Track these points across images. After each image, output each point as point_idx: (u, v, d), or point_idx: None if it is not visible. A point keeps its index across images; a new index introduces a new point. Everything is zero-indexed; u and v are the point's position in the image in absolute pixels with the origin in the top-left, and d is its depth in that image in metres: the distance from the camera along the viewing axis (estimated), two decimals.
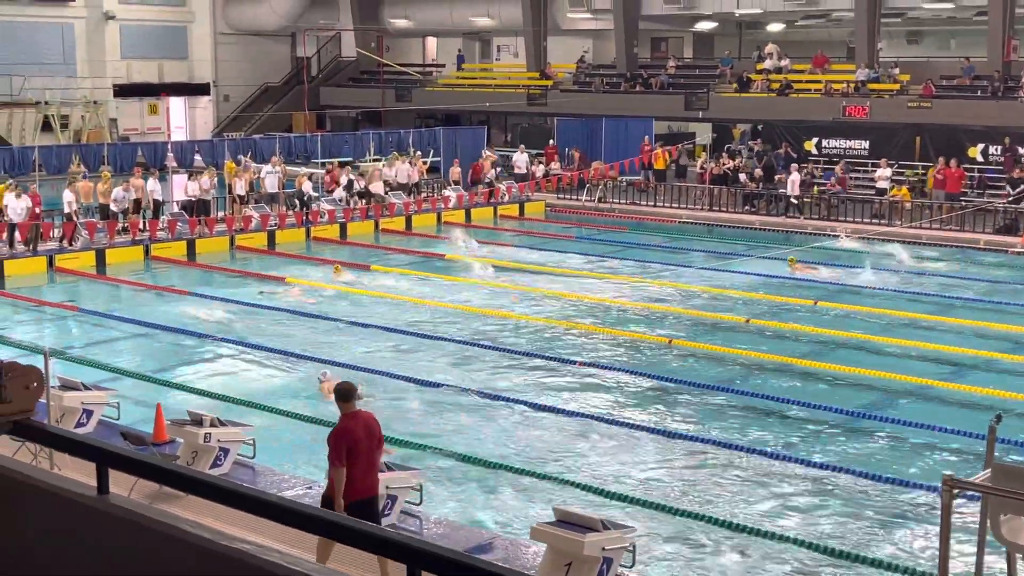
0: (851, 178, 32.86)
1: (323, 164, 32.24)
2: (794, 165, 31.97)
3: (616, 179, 34.64)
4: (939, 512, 6.30)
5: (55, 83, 42.36)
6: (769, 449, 13.11)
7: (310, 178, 30.03)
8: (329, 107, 48.22)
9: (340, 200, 29.92)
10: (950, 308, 21.09)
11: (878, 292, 22.15)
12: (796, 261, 24.53)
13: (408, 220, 30.38)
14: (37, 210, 25.07)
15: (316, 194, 29.90)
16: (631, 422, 14.07)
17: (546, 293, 22.06)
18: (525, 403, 14.81)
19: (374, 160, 33.43)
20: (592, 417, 14.24)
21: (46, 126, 41.86)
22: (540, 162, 35.99)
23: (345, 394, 9.01)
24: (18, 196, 24.15)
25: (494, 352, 17.53)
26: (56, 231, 24.96)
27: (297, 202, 29.24)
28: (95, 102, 43.69)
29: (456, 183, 33.08)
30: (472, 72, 48.76)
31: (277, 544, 3.35)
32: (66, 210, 25.29)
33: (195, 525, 2.95)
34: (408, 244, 28.14)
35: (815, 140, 35.23)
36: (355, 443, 8.75)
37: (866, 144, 34.39)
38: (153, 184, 26.94)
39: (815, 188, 31.71)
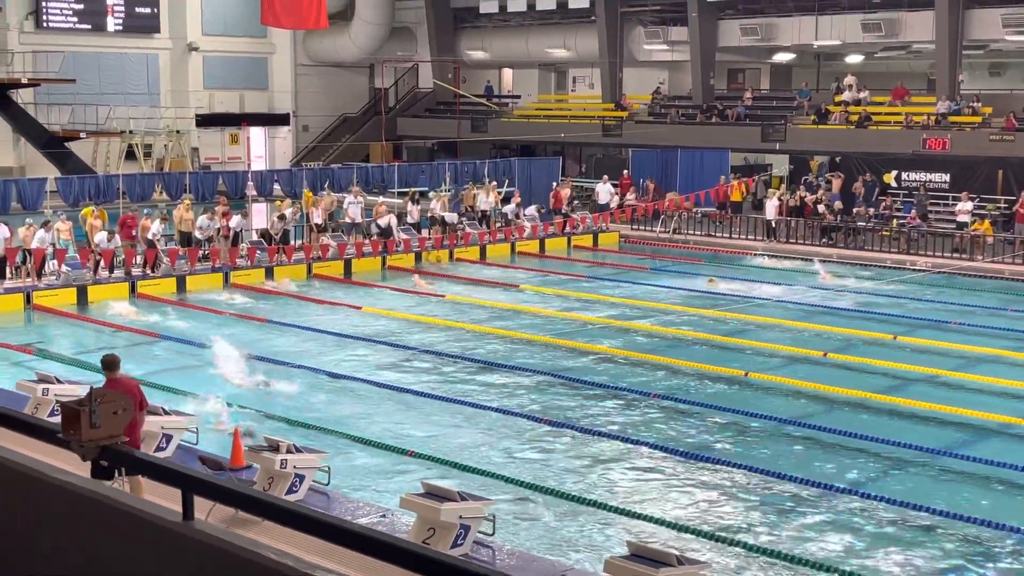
0: (932, 211, 32.43)
1: (399, 193, 32.50)
2: (771, 191, 33.20)
3: (691, 210, 34.51)
4: None
5: (139, 112, 43.34)
6: (845, 486, 12.91)
7: (414, 201, 30.59)
8: (406, 137, 48.72)
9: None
10: None
11: (960, 328, 21.79)
12: (713, 279, 26.58)
13: (483, 250, 30.51)
14: (133, 232, 25.57)
15: (452, 215, 30.93)
16: (705, 456, 13.94)
17: (619, 324, 22.00)
18: (598, 433, 14.77)
19: (448, 190, 33.66)
20: (665, 450, 14.14)
21: (130, 154, 42.79)
22: (616, 193, 35.97)
23: (108, 364, 10.29)
24: (110, 239, 24.63)
25: (567, 382, 17.51)
26: (138, 258, 25.46)
27: (377, 228, 29.53)
28: (178, 131, 44.62)
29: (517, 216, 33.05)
30: (548, 103, 48.99)
31: (352, 571, 3.38)
32: (149, 236, 25.78)
33: (279, 553, 2.98)
34: (482, 273, 28.23)
35: (895, 173, 34.80)
36: None
37: (947, 177, 33.89)
38: (239, 220, 27.35)
39: (894, 221, 31.31)
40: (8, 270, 23.69)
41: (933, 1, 35.08)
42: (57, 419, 4.01)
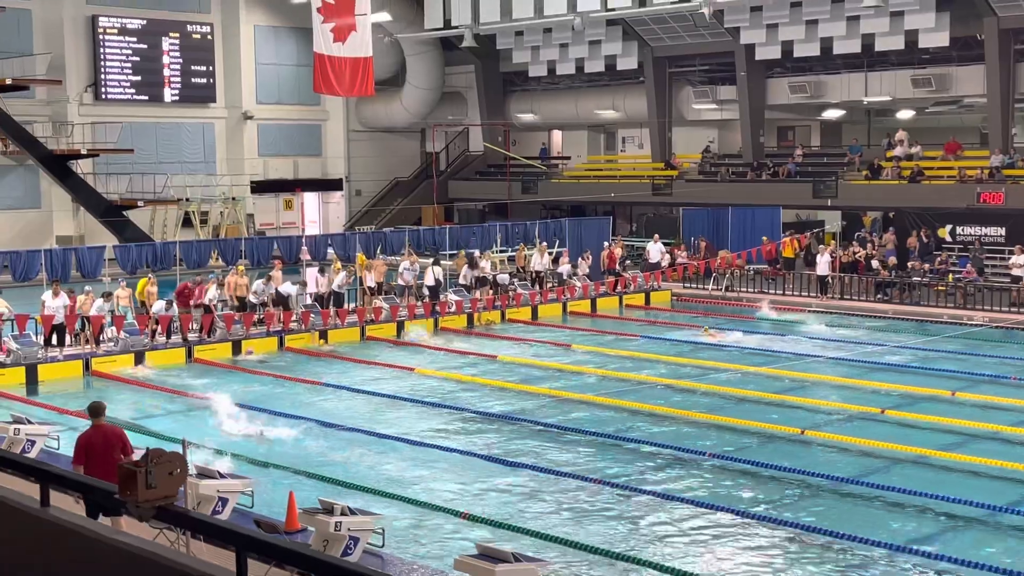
0: (988, 265, 32.07)
1: (451, 255, 32.71)
2: (821, 247, 33.14)
3: (743, 268, 34.38)
4: None
5: (196, 180, 44.14)
6: (906, 544, 12.69)
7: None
8: (457, 200, 49.10)
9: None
10: None
11: (1020, 383, 21.45)
12: (709, 329, 27.41)
13: (534, 310, 30.57)
14: (191, 301, 25.92)
15: (506, 280, 31.34)
16: (762, 515, 13.78)
17: (672, 383, 21.89)
18: (653, 493, 14.66)
19: (500, 251, 33.84)
20: (722, 509, 13.99)
21: (186, 222, 43.51)
22: (667, 252, 35.92)
23: (93, 411, 11.20)
24: (168, 307, 25.04)
25: (620, 442, 17.42)
26: (194, 323, 25.75)
27: (428, 289, 29.77)
28: (233, 198, 45.33)
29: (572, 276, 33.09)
30: (597, 164, 49.23)
31: None
32: (205, 302, 26.10)
33: None
34: (533, 334, 28.24)
35: (949, 227, 34.49)
36: (91, 448, 10.90)
37: (1002, 231, 33.50)
38: (288, 288, 27.62)
39: (950, 276, 31.00)
40: (68, 337, 24.08)
41: (983, 55, 34.98)
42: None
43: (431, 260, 31.13)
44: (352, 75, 31.28)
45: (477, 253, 32.25)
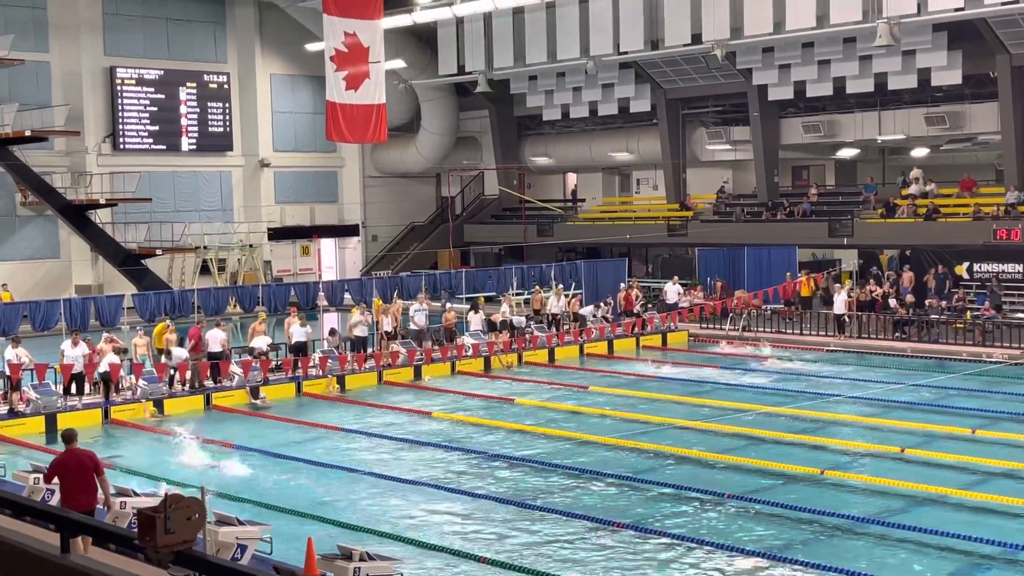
0: (1006, 302, 31.95)
1: (467, 299, 32.77)
2: (837, 285, 33.05)
3: (760, 308, 34.34)
4: None
5: (213, 228, 44.47)
6: None
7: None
8: (473, 243, 49.27)
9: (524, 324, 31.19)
10: None
11: None
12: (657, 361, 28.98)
13: (551, 352, 30.58)
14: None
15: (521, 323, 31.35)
16: (782, 556, 13.70)
17: (690, 424, 21.83)
18: (671, 535, 14.59)
19: (516, 294, 33.90)
20: (741, 551, 13.92)
21: (204, 269, 43.77)
22: (683, 293, 35.90)
23: (66, 437, 12.05)
24: (170, 348, 25.14)
25: (638, 484, 17.37)
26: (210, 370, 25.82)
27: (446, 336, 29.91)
28: (250, 245, 45.61)
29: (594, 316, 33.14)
30: (612, 206, 49.38)
31: None
32: (220, 349, 26.14)
33: None
34: (552, 376, 28.23)
35: (966, 264, 34.41)
36: (65, 470, 11.76)
37: (1020, 267, 33.40)
38: (302, 331, 27.68)
39: (968, 313, 30.90)
40: (87, 386, 24.18)
41: (996, 92, 35.05)
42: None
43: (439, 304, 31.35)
44: (365, 122, 31.51)
45: (501, 296, 32.43)
